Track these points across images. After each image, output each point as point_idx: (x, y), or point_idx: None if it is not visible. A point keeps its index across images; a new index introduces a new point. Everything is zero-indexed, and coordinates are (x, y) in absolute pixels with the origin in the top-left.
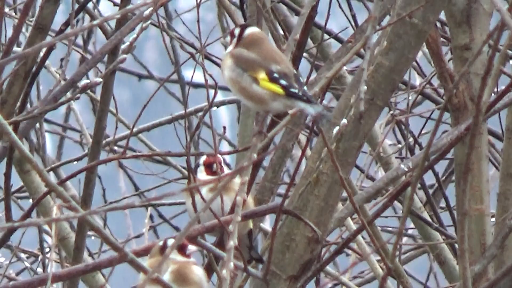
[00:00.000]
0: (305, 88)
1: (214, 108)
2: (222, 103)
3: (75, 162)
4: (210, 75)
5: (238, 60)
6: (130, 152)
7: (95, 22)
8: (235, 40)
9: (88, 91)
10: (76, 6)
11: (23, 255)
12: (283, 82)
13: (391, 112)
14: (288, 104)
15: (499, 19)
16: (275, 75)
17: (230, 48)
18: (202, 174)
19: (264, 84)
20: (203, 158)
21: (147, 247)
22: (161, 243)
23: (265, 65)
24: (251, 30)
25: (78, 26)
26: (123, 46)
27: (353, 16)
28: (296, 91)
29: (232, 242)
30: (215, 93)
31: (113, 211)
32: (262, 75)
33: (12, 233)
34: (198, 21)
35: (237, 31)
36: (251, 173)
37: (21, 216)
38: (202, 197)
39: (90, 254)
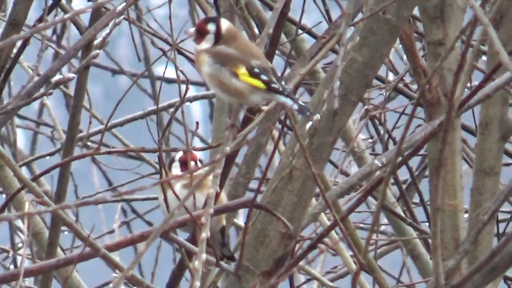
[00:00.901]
0: (283, 83)
1: (187, 103)
2: (195, 98)
3: (48, 157)
4: (182, 71)
5: (216, 56)
6: (104, 147)
7: (66, 16)
8: (212, 36)
9: (62, 86)
10: (50, 1)
11: None
12: (263, 76)
13: (365, 107)
14: (267, 97)
15: (473, 15)
16: (256, 70)
17: (206, 44)
18: (176, 170)
19: (244, 78)
20: (179, 155)
21: (119, 242)
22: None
23: (245, 60)
24: (227, 25)
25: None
26: (96, 42)
27: (327, 11)
28: (277, 86)
29: (205, 234)
30: (187, 89)
31: (86, 206)
32: (242, 70)
33: None
34: (170, 17)
35: (212, 27)
36: (224, 168)
37: None
38: (175, 193)
39: (63, 250)
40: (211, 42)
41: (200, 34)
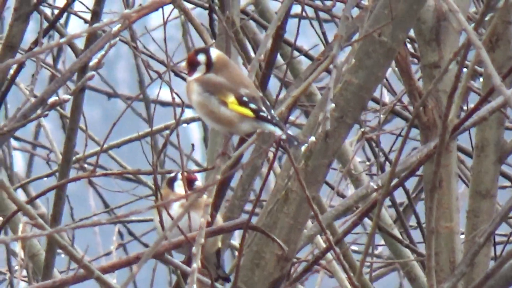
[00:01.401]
0: (272, 111)
1: (184, 125)
2: (192, 119)
3: (45, 179)
4: (177, 94)
5: (205, 84)
6: (100, 169)
7: (62, 40)
8: (203, 67)
9: (59, 108)
10: (46, 24)
11: None
12: (252, 105)
13: (362, 129)
14: (257, 126)
15: (466, 37)
16: (245, 98)
17: (197, 74)
18: (180, 189)
19: (233, 107)
20: (180, 174)
21: (114, 263)
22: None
23: (234, 88)
24: (216, 53)
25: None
26: (91, 63)
27: (324, 34)
28: (265, 114)
29: (196, 264)
30: (182, 111)
31: (82, 228)
32: (231, 99)
33: None
34: (165, 39)
35: (202, 57)
36: (219, 191)
37: None
38: (169, 215)
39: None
40: (202, 72)
41: (191, 65)
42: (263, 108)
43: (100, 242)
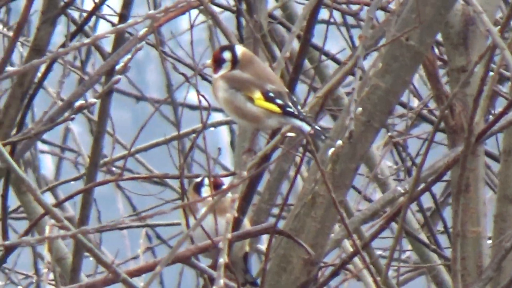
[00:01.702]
0: (299, 107)
1: (211, 129)
2: (220, 123)
3: (73, 183)
4: (204, 96)
5: (231, 81)
6: (127, 173)
7: (87, 41)
8: (228, 64)
9: (86, 112)
10: (74, 28)
11: (18, 278)
12: (278, 101)
13: (389, 133)
14: (283, 121)
15: (491, 40)
16: (271, 94)
17: (223, 71)
18: (206, 193)
19: (259, 103)
20: (206, 178)
21: (141, 267)
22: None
23: (260, 84)
24: (242, 50)
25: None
26: (117, 67)
27: (351, 38)
28: (292, 110)
29: (222, 259)
30: (208, 114)
31: (109, 231)
32: (257, 95)
33: (9, 254)
34: (191, 42)
35: (227, 54)
36: (246, 194)
37: (18, 237)
38: (195, 217)
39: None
40: (228, 69)
41: (217, 63)
42: (290, 104)
43: (128, 245)
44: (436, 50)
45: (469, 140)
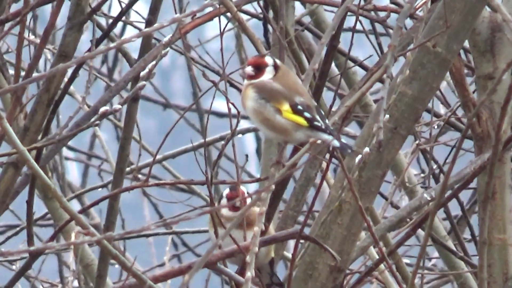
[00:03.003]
0: (327, 121)
1: (239, 136)
2: (247, 130)
3: (100, 189)
4: (233, 104)
5: (261, 90)
6: (153, 180)
7: (112, 45)
8: (271, 68)
9: (113, 119)
10: (100, 34)
11: (43, 287)
12: (307, 114)
13: (416, 141)
14: (311, 135)
15: None
16: (299, 107)
17: (267, 76)
18: (225, 210)
19: (287, 115)
20: (226, 191)
21: (167, 273)
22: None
23: (289, 96)
24: (277, 60)
25: (103, 54)
26: (142, 73)
27: (379, 45)
28: (319, 124)
29: (250, 273)
30: (238, 122)
31: (134, 238)
32: (285, 107)
33: (34, 261)
34: (221, 49)
35: (270, 60)
36: (273, 202)
37: (43, 244)
38: (223, 225)
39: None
40: (272, 74)
41: (258, 68)
42: (317, 117)
43: (154, 253)
44: (464, 57)
45: (497, 148)
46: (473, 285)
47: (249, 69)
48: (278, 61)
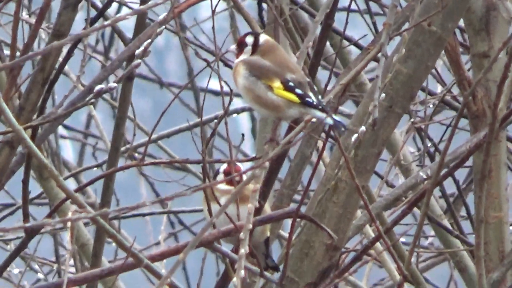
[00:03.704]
0: (319, 97)
1: (234, 115)
2: (243, 109)
3: (95, 169)
4: (226, 82)
5: (251, 68)
6: (149, 159)
7: (106, 23)
8: (249, 48)
9: (109, 98)
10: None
11: (38, 267)
12: (298, 91)
13: (412, 119)
14: (304, 112)
15: None
16: (291, 83)
17: (243, 56)
18: (222, 184)
19: (279, 92)
20: (223, 167)
21: (164, 252)
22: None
23: (280, 73)
24: (265, 37)
25: (98, 34)
26: (137, 52)
27: (374, 24)
28: (311, 100)
29: (244, 250)
30: (230, 100)
31: (131, 217)
32: (277, 84)
33: (29, 240)
34: (213, 27)
35: (250, 39)
36: (267, 180)
37: (39, 222)
38: (219, 203)
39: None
40: (248, 54)
41: (240, 47)
42: (310, 94)
43: (151, 231)
44: (459, 36)
45: (493, 126)
46: (468, 263)
47: (233, 48)
48: (266, 39)
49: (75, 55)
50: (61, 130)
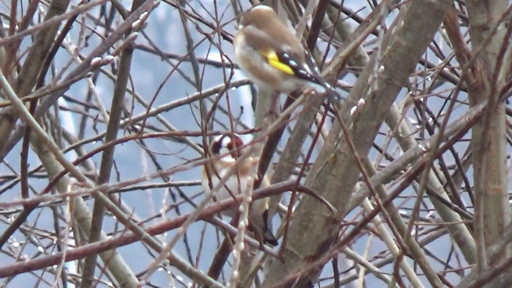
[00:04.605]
0: (315, 68)
1: (233, 88)
2: (241, 83)
3: (94, 142)
4: (226, 56)
5: (249, 37)
6: (150, 131)
7: None
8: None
9: (110, 72)
10: None
11: (38, 239)
12: (292, 62)
13: (410, 92)
14: (299, 83)
15: None
16: (285, 55)
17: (240, 26)
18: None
19: (274, 63)
20: (226, 140)
21: (163, 225)
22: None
23: (276, 44)
24: (258, 7)
25: (97, 6)
26: (134, 24)
27: None
28: (305, 72)
29: (243, 222)
30: (231, 73)
31: (131, 190)
32: (272, 55)
33: (28, 213)
34: (214, 1)
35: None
36: (266, 152)
37: (38, 196)
38: (218, 176)
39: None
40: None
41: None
42: (305, 66)
43: (152, 204)
44: (458, 8)
45: (493, 98)
46: (467, 236)
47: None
48: (259, 8)
49: (75, 27)
50: (62, 102)
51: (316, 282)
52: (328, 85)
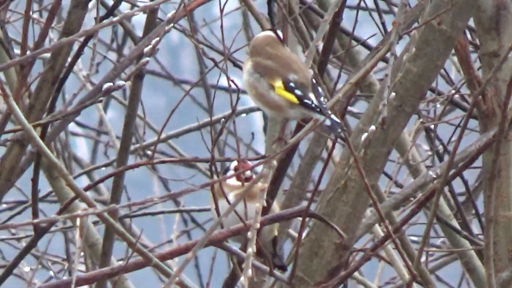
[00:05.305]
0: (322, 99)
1: (243, 115)
2: (252, 109)
3: (104, 168)
4: (233, 81)
5: (256, 64)
6: (162, 157)
7: (115, 19)
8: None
9: (120, 97)
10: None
11: (49, 265)
12: (298, 92)
13: (421, 119)
14: (304, 113)
15: None
16: (291, 84)
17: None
18: (231, 180)
19: (279, 92)
20: (233, 164)
21: (173, 250)
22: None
23: (282, 73)
24: (263, 34)
25: (109, 32)
26: (146, 49)
27: (383, 24)
28: (310, 102)
29: (251, 249)
30: (238, 99)
31: (142, 216)
32: (278, 83)
33: (39, 238)
34: (221, 26)
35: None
36: (275, 179)
37: (48, 218)
38: (227, 200)
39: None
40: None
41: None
42: (310, 95)
43: (164, 229)
44: (469, 35)
45: (503, 125)
46: (477, 263)
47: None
48: (263, 35)
49: (86, 53)
50: (74, 127)
51: None
52: (333, 117)
